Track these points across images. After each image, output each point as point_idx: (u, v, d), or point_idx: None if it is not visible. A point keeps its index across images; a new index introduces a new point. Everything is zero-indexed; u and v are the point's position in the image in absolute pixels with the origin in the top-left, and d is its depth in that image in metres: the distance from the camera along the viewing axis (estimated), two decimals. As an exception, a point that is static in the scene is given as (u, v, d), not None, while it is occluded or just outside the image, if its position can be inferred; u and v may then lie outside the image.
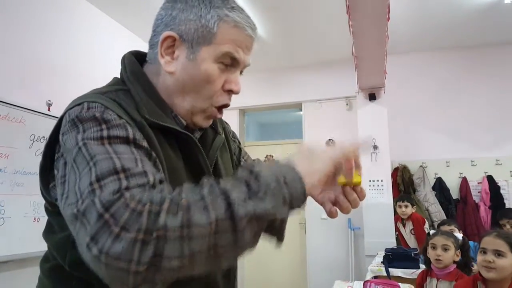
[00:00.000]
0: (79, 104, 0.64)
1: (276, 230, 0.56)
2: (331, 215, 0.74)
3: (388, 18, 2.70)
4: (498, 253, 1.62)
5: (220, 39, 0.70)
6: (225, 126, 0.93)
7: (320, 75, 4.77)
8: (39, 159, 0.71)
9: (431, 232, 2.19)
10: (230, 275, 0.80)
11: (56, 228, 0.71)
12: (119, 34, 3.73)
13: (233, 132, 0.98)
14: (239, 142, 0.99)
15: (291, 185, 0.55)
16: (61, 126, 0.64)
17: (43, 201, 0.74)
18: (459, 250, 2.01)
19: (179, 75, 0.72)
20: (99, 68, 3.34)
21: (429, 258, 2.05)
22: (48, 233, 0.74)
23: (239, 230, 0.50)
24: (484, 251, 1.67)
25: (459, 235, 2.11)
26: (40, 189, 0.72)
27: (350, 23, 2.72)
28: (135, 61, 0.77)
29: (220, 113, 0.78)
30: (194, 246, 0.49)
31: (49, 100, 2.79)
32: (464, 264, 2.02)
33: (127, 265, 0.47)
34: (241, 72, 0.77)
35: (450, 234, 2.08)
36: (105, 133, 0.59)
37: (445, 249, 1.98)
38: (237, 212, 0.50)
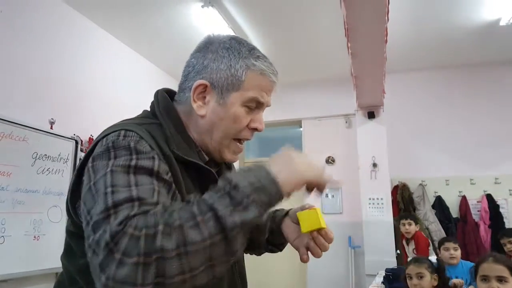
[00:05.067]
0: (116, 131, 0.69)
1: (261, 228, 0.63)
2: (303, 260, 0.81)
3: (386, 41, 2.76)
4: (500, 279, 1.60)
5: (247, 86, 0.79)
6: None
7: (320, 92, 4.83)
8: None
9: (409, 259, 2.19)
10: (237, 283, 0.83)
11: (78, 252, 0.73)
12: (121, 54, 3.79)
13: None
14: None
15: (267, 189, 0.61)
16: (95, 149, 0.69)
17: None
18: (436, 274, 2.00)
19: (209, 117, 0.79)
20: (102, 88, 3.39)
21: None
22: (69, 257, 0.76)
23: (230, 239, 0.56)
24: (486, 279, 1.63)
25: (433, 258, 2.11)
26: (68, 208, 0.75)
27: (349, 44, 2.78)
28: (167, 97, 0.84)
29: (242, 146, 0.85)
30: (192, 261, 0.54)
31: (52, 119, 2.83)
32: (443, 285, 2.02)
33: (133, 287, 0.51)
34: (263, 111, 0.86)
35: (423, 260, 2.07)
36: (133, 162, 0.64)
37: (420, 277, 1.98)
38: (226, 225, 0.56)
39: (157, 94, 0.84)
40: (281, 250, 1.00)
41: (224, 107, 0.78)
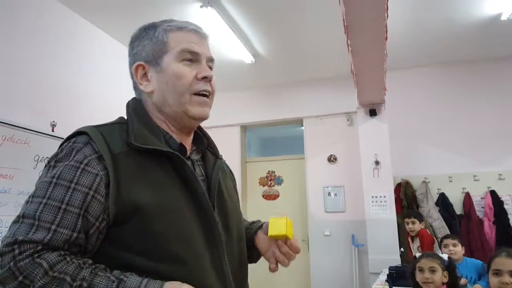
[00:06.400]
0: (75, 135, 0.80)
1: None
2: (270, 269, 0.83)
3: (386, 38, 2.74)
4: None
5: (173, 44, 0.84)
6: (224, 161, 0.99)
7: (321, 91, 4.82)
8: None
9: (417, 255, 2.16)
10: None
11: None
12: (122, 55, 3.79)
13: (231, 171, 1.05)
14: (235, 183, 1.05)
15: None
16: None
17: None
18: (446, 271, 1.99)
19: (157, 89, 0.84)
20: (103, 89, 3.40)
21: (418, 282, 2.02)
22: None
23: None
24: (498, 273, 1.63)
25: (445, 256, 2.09)
26: None
27: (349, 42, 2.76)
28: (137, 100, 0.89)
29: (209, 98, 0.86)
30: None
31: (53, 121, 2.83)
32: (452, 284, 2.00)
33: None
34: (211, 68, 0.88)
35: (435, 256, 2.06)
36: (58, 170, 0.72)
37: (433, 270, 1.97)
38: None
39: (128, 102, 0.89)
40: (253, 262, 0.97)
41: (164, 72, 0.83)
